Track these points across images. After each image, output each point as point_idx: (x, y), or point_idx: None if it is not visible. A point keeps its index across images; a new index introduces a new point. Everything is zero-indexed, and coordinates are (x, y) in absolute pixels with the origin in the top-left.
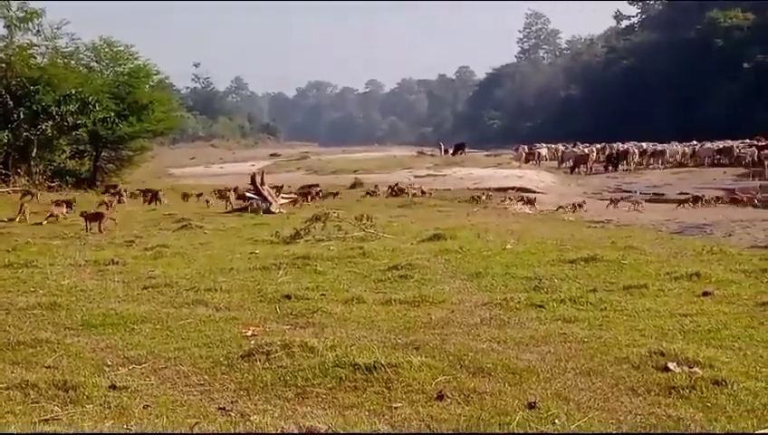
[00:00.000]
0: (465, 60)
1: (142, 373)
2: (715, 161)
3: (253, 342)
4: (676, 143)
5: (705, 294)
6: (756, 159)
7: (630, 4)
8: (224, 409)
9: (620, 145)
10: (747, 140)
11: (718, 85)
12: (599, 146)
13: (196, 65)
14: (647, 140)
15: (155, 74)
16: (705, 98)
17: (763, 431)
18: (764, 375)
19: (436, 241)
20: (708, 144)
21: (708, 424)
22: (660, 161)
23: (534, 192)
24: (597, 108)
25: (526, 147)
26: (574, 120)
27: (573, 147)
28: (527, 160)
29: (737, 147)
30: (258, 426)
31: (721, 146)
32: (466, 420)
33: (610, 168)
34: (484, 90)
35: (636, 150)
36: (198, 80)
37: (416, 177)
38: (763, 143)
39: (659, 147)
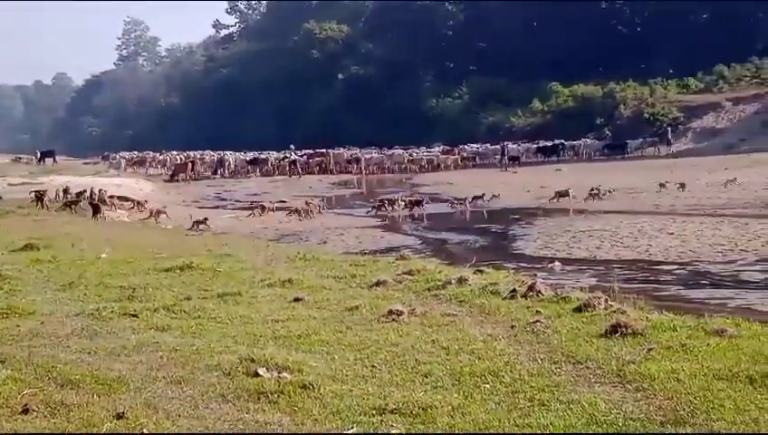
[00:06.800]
0: (63, 66)
1: None
2: (249, 170)
3: None
4: (231, 152)
5: (297, 299)
6: (279, 167)
7: (229, 14)
8: None
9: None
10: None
11: (316, 95)
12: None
13: None
14: (254, 149)
15: None
16: (304, 107)
17: (347, 432)
18: (350, 378)
19: (29, 251)
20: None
21: (295, 427)
22: (258, 171)
23: (133, 200)
24: (198, 116)
25: (108, 154)
26: (175, 128)
27: (160, 155)
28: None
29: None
30: None
31: (251, 157)
32: (51, 432)
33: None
34: (82, 97)
35: (231, 159)
36: None
37: (10, 185)
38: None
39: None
